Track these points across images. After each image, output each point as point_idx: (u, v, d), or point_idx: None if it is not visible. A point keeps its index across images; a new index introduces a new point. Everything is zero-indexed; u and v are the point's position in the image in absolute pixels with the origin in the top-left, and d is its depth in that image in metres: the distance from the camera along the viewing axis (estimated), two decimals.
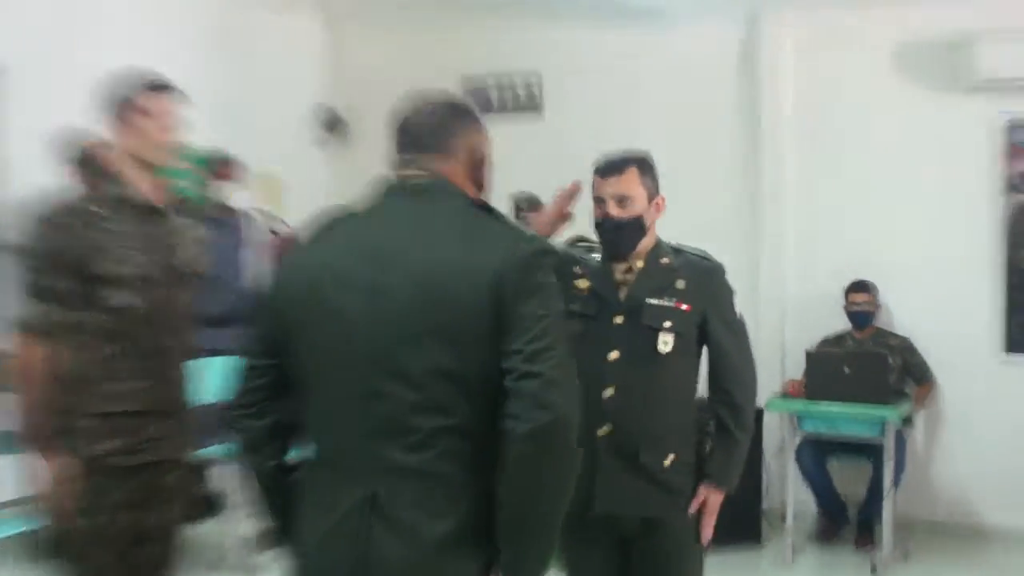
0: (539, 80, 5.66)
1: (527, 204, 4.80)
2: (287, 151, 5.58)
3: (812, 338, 4.87)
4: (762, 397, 4.31)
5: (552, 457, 1.47)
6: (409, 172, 1.65)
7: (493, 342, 1.49)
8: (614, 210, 2.29)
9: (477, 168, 1.69)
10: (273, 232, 5.42)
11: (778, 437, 4.71)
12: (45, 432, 2.30)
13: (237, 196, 4.72)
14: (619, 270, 2.35)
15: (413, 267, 1.52)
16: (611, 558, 2.33)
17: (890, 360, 4.44)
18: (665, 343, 2.27)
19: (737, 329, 2.36)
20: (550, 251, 1.62)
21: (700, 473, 2.32)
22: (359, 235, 1.60)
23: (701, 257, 2.38)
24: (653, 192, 2.34)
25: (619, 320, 2.30)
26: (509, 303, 1.49)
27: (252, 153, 5.07)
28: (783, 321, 5.15)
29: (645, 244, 2.35)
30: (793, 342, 4.99)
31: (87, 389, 2.32)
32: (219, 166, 4.73)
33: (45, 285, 2.30)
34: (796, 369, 4.73)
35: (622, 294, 2.33)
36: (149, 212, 2.41)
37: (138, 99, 2.38)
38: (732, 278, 2.38)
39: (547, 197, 4.86)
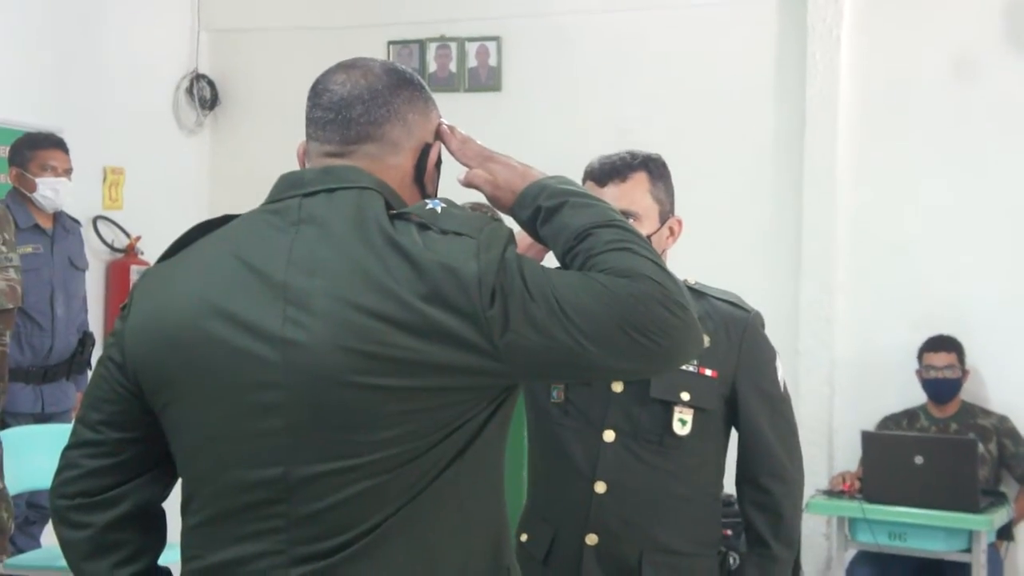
0: (498, 47, 5.77)
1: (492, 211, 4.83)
2: (137, 133, 5.74)
3: (872, 415, 4.91)
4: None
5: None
6: (323, 161, 1.63)
7: (476, 390, 1.53)
8: None
9: (425, 168, 1.67)
10: (117, 248, 5.44)
11: (824, 550, 4.78)
12: None
13: (65, 195, 4.73)
14: None
15: (334, 310, 1.50)
16: None
17: (981, 448, 4.44)
18: (682, 422, 2.26)
19: (779, 404, 2.36)
20: (509, 238, 1.58)
21: None
22: (251, 262, 1.56)
23: (732, 304, 2.37)
24: (667, 209, 2.35)
25: (618, 388, 2.28)
26: (501, 336, 1.48)
27: (88, 137, 5.17)
28: (832, 390, 5.16)
29: None
30: (845, 420, 5.04)
31: None
32: (38, 151, 4.71)
33: None
34: (849, 457, 4.83)
35: None
36: None
37: None
38: (765, 327, 2.40)
39: None
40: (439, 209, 1.56)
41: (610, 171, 2.30)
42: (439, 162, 1.70)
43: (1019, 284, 4.93)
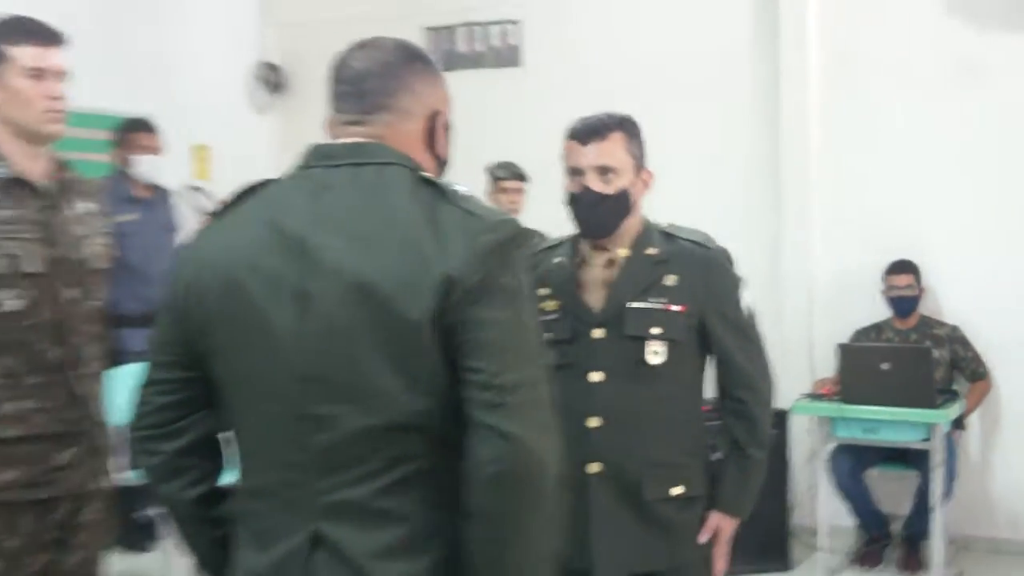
0: (518, 28, 5.77)
1: (505, 173, 4.90)
2: (219, 116, 5.72)
3: (846, 329, 4.92)
4: (788, 399, 4.45)
5: (522, 507, 1.44)
6: (344, 138, 1.59)
7: (447, 363, 1.45)
8: (595, 183, 2.24)
9: (435, 133, 1.62)
10: (207, 213, 5.42)
11: (807, 445, 4.79)
12: None
13: (159, 170, 4.79)
14: (598, 264, 2.31)
15: (344, 268, 1.46)
16: None
17: (936, 354, 4.49)
18: (656, 353, 2.23)
19: (745, 328, 2.33)
20: (521, 240, 1.53)
21: (710, 499, 2.31)
22: (279, 221, 1.53)
23: (696, 244, 2.33)
24: (640, 163, 2.30)
25: (598, 334, 2.26)
26: (462, 311, 1.44)
27: (178, 119, 5.17)
28: (811, 309, 5.19)
29: (630, 227, 2.30)
30: (823, 334, 5.05)
31: None
32: (134, 133, 4.77)
33: None
34: (827, 366, 4.82)
35: (600, 300, 2.28)
36: (37, 195, 2.39)
37: (13, 52, 2.34)
38: (750, 258, 2.44)
39: (528, 165, 5.12)
40: (464, 192, 1.54)
41: (591, 131, 2.26)
42: (448, 127, 1.65)
43: (968, 215, 4.93)
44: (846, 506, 4.74)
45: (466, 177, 4.91)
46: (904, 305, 4.82)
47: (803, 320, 5.17)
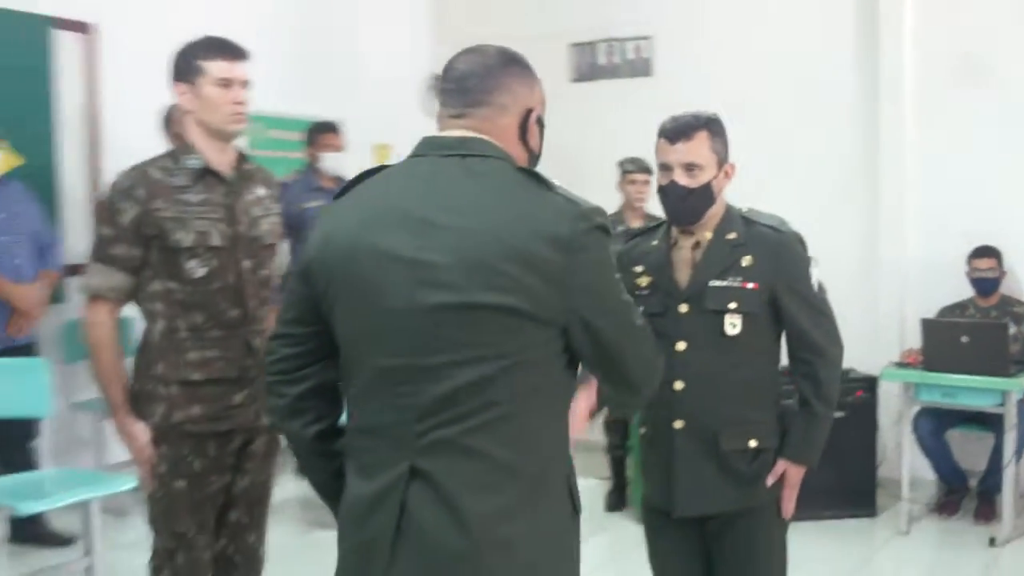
0: (650, 43, 5.98)
1: (634, 167, 5.09)
2: (395, 119, 5.89)
3: (934, 306, 5.05)
4: (878, 366, 4.72)
5: (635, 400, 1.76)
6: (450, 130, 1.62)
7: (547, 322, 1.52)
8: (682, 178, 2.30)
9: (528, 128, 1.65)
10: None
11: (895, 407, 4.98)
12: (117, 399, 2.51)
13: (344, 165, 4.96)
14: (686, 246, 2.38)
15: (454, 239, 1.51)
16: (696, 550, 2.40)
17: (1013, 329, 4.62)
18: (733, 325, 2.28)
19: (815, 302, 2.35)
20: (608, 224, 1.58)
21: (779, 449, 2.36)
22: (396, 199, 1.58)
23: (771, 228, 2.36)
24: (723, 157, 2.33)
25: (684, 309, 2.33)
26: (568, 271, 1.51)
27: (362, 122, 5.52)
28: (903, 288, 5.33)
29: (713, 213, 2.36)
30: (914, 310, 5.16)
31: (168, 357, 2.49)
32: (321, 134, 5.00)
33: (116, 253, 2.46)
34: (916, 338, 4.89)
35: (686, 278, 2.35)
36: (223, 182, 2.54)
37: (207, 65, 2.47)
38: (850, 245, 2.56)
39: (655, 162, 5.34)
40: (558, 183, 1.58)
41: (680, 131, 2.29)
42: (541, 123, 1.68)
43: None
44: (928, 462, 4.90)
45: (602, 170, 5.40)
46: (986, 285, 4.94)
47: (896, 299, 5.31)
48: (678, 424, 2.33)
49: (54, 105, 4.72)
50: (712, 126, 2.32)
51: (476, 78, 1.62)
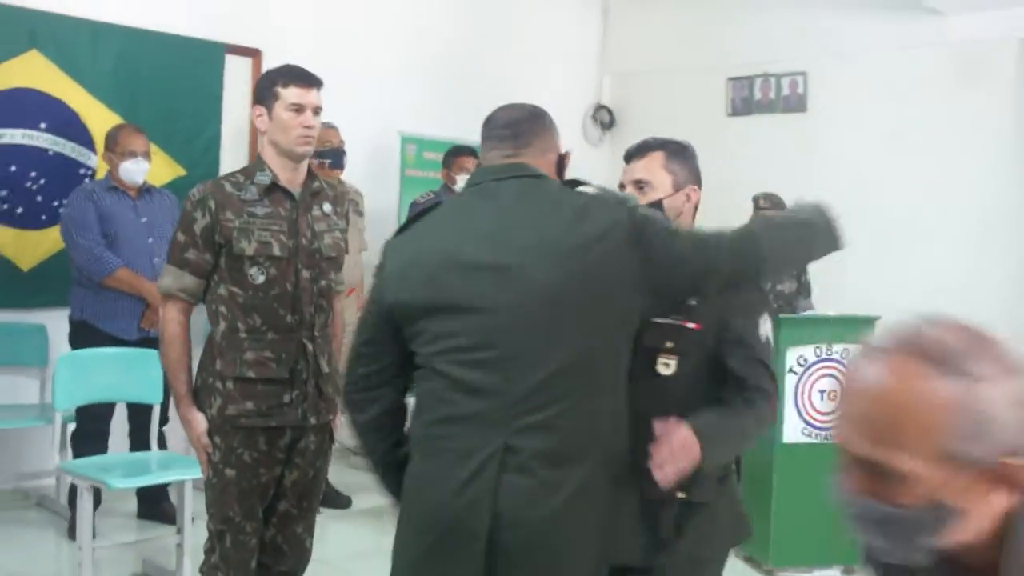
0: (805, 79, 6.06)
1: (766, 201, 5.05)
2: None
3: None
4: None
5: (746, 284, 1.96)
6: (502, 160, 1.85)
7: (632, 300, 1.74)
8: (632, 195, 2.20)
9: (564, 167, 1.91)
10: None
11: None
12: (181, 390, 2.65)
13: None
14: None
15: (531, 242, 1.72)
16: None
17: None
18: (666, 365, 2.02)
19: (757, 351, 2.05)
20: (647, 209, 1.79)
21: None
22: (468, 221, 1.78)
23: None
24: (683, 180, 2.18)
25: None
26: (638, 242, 1.73)
27: None
28: None
29: None
30: None
31: (227, 355, 2.62)
32: (458, 157, 5.11)
33: (187, 258, 2.61)
34: None
35: None
36: (290, 198, 2.68)
37: (282, 92, 2.63)
38: (1003, 302, 2.30)
39: (810, 195, 5.24)
40: (594, 188, 1.87)
41: (635, 150, 2.23)
42: (567, 162, 1.98)
43: None
44: None
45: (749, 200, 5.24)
46: None
47: None
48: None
49: (221, 123, 5.21)
50: (671, 147, 2.21)
51: (525, 123, 1.89)
